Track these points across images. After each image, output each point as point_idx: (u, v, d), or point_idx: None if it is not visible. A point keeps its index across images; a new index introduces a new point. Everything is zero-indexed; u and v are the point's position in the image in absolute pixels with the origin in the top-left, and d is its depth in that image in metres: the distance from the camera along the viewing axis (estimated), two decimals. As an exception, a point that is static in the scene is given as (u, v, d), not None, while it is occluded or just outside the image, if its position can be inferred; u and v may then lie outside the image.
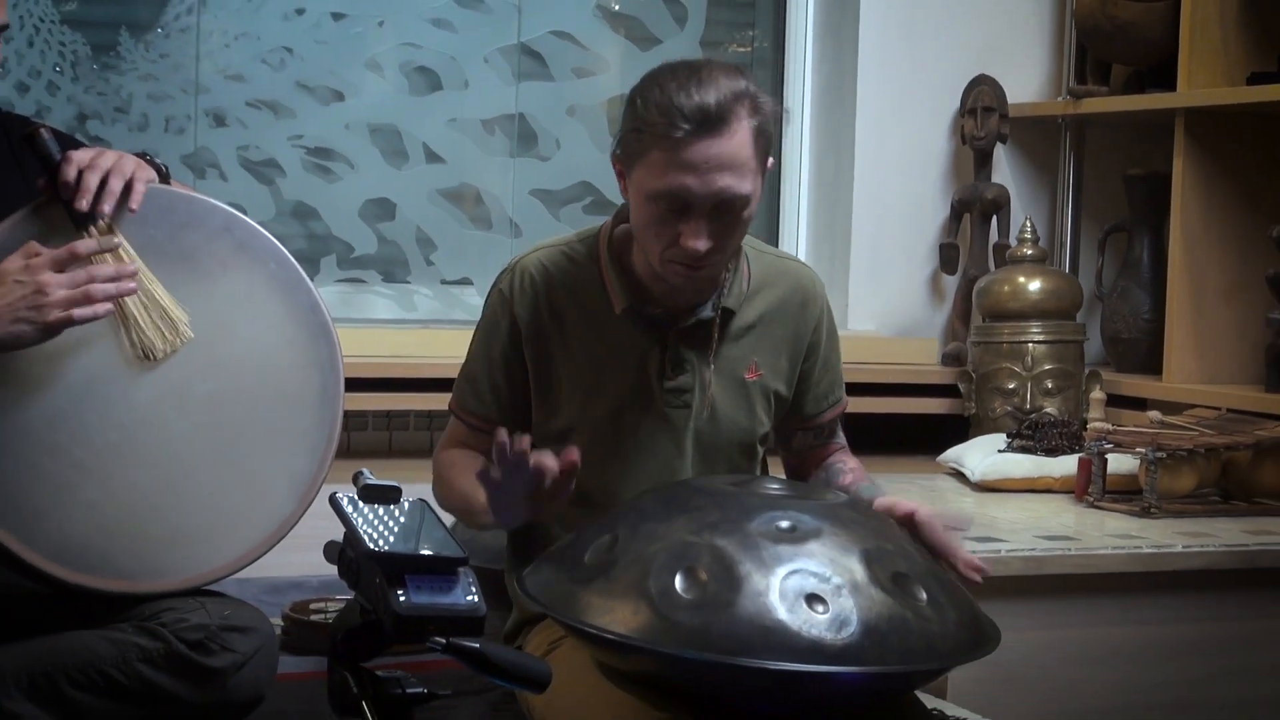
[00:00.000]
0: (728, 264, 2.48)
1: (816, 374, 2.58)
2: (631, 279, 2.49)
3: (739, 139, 2.33)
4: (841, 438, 2.63)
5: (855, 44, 4.14)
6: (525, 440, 2.14)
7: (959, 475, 3.70)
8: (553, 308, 2.49)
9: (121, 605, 2.39)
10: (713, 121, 2.31)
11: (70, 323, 2.30)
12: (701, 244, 2.32)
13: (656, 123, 2.33)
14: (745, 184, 2.34)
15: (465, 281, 4.07)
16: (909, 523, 2.32)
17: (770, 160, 2.42)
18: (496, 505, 2.24)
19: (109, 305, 2.33)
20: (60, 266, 2.30)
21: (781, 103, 3.85)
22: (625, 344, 2.49)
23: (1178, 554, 3.08)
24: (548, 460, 2.15)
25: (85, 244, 2.33)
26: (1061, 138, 4.27)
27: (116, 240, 2.40)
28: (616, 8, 4.14)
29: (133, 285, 2.35)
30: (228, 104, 3.88)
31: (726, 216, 2.35)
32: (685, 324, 2.49)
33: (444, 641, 1.57)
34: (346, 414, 2.57)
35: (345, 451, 2.58)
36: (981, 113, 4.14)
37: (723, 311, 2.50)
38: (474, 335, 2.55)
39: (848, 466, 2.56)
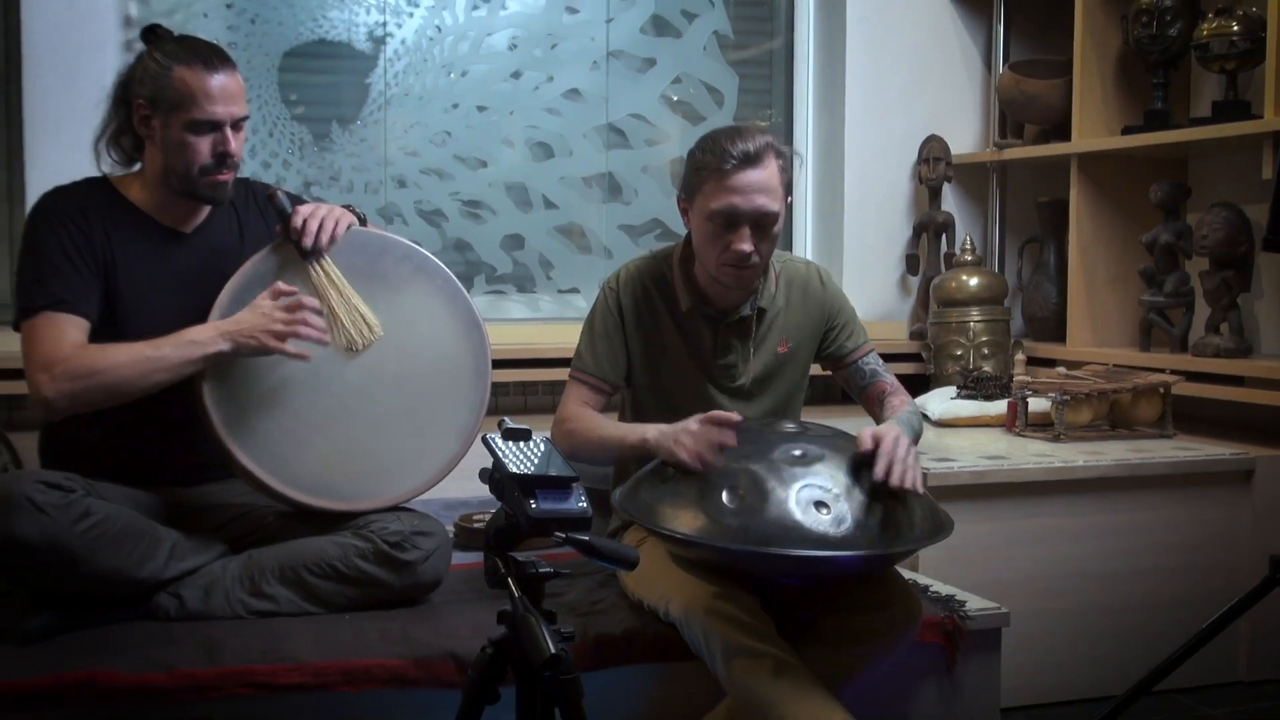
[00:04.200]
0: (761, 275, 2.49)
1: (838, 332, 2.60)
2: (694, 286, 2.51)
3: (770, 171, 2.36)
4: (887, 376, 2.61)
5: (842, 115, 4.12)
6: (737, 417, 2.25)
7: (923, 417, 3.67)
8: (645, 299, 2.53)
9: (342, 519, 2.43)
10: (752, 158, 2.34)
11: (279, 353, 2.33)
12: (747, 246, 2.35)
13: (711, 162, 2.35)
14: (775, 204, 2.37)
15: (574, 290, 4.07)
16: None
17: (790, 197, 2.44)
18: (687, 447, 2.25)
19: (304, 348, 2.35)
20: (290, 310, 2.33)
21: (793, 149, 3.85)
22: (689, 331, 2.51)
23: (1080, 467, 3.06)
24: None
25: (310, 301, 2.36)
26: (990, 177, 4.22)
27: (327, 268, 2.43)
28: (675, 98, 4.12)
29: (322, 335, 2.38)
30: (407, 172, 3.90)
31: (762, 229, 2.37)
32: (731, 319, 2.51)
33: (564, 535, 1.58)
34: (494, 384, 2.60)
35: (493, 410, 2.60)
36: (933, 161, 4.11)
37: (757, 311, 2.51)
38: (587, 322, 2.58)
39: (894, 403, 2.55)
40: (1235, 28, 3.36)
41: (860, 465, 2.25)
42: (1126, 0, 3.72)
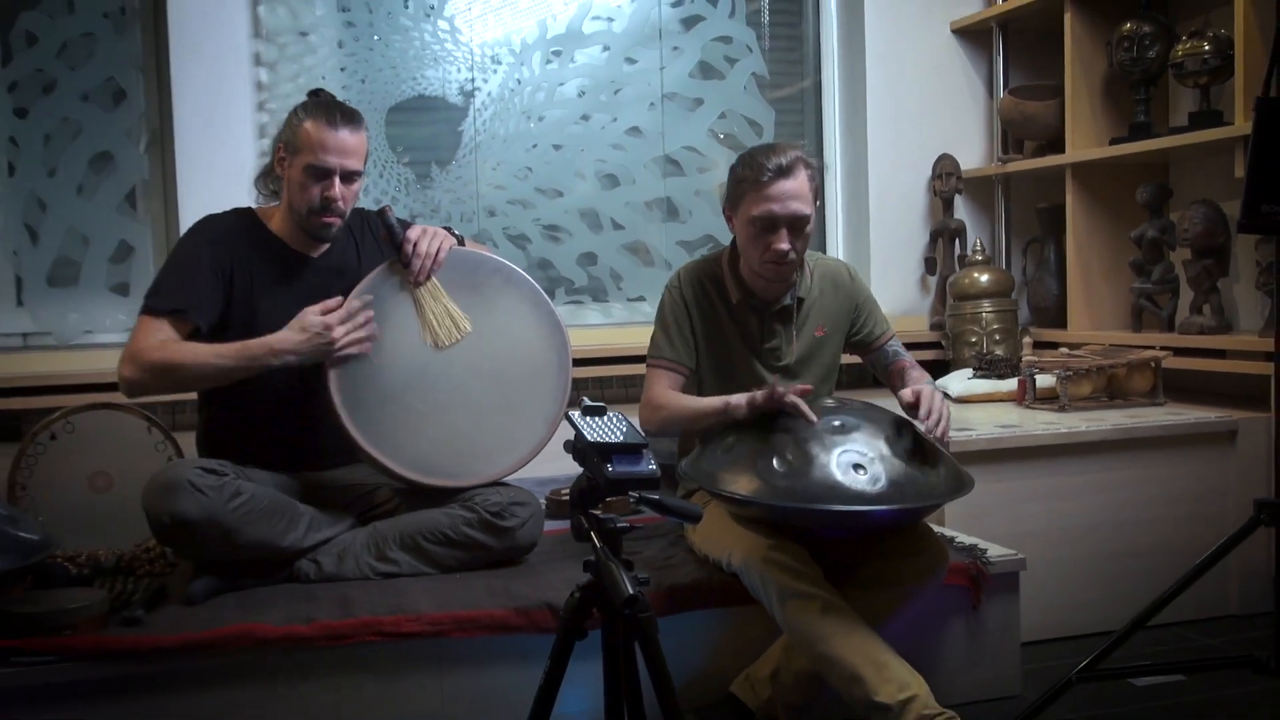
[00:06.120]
0: (798, 269, 2.47)
1: (864, 321, 2.58)
2: (741, 282, 2.50)
3: (801, 180, 2.34)
4: (907, 356, 2.60)
5: (865, 140, 4.08)
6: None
7: (944, 395, 3.61)
8: (703, 293, 2.52)
9: (451, 494, 2.45)
10: (785, 170, 2.32)
11: (342, 359, 2.35)
12: (785, 246, 2.34)
13: (750, 175, 2.34)
14: (807, 208, 2.35)
15: (640, 299, 4.06)
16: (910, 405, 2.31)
17: (819, 201, 2.43)
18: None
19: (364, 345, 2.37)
20: (344, 323, 2.34)
21: (823, 162, 3.86)
22: (740, 320, 2.50)
23: (1082, 432, 3.01)
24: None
25: (354, 307, 2.37)
26: (995, 188, 4.16)
27: (429, 287, 2.45)
28: (722, 136, 4.11)
29: (372, 328, 2.39)
30: (496, 202, 3.92)
31: (796, 230, 2.36)
32: (775, 309, 2.50)
33: (637, 494, 1.57)
34: (574, 379, 2.61)
35: (574, 402, 2.60)
36: (945, 176, 4.07)
37: (797, 301, 2.50)
38: (658, 317, 2.56)
39: (913, 376, 2.54)
40: (1207, 47, 3.30)
41: (891, 434, 2.23)
42: (1110, 28, 3.66)
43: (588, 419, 1.64)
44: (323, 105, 2.41)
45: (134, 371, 2.29)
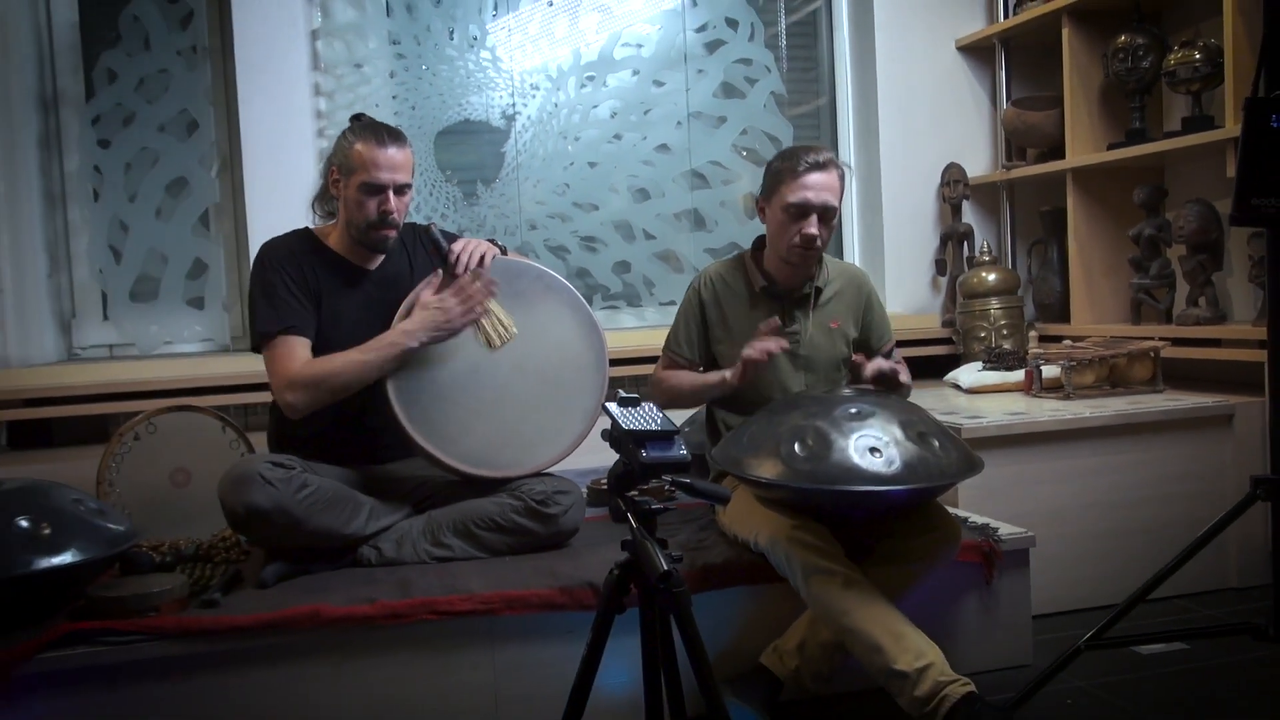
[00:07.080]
0: (819, 261, 2.48)
1: (872, 324, 2.57)
2: (765, 272, 2.50)
3: (833, 176, 2.37)
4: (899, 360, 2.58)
5: (878, 152, 4.06)
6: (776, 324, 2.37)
7: (956, 387, 3.61)
8: (726, 287, 2.53)
9: (499, 484, 2.45)
10: (820, 165, 2.35)
11: (464, 326, 2.36)
12: (814, 230, 2.34)
13: (789, 166, 2.37)
14: (836, 201, 2.37)
15: (671, 303, 4.05)
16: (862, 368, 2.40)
17: (843, 199, 2.45)
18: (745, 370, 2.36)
19: (482, 309, 2.40)
20: (455, 295, 2.37)
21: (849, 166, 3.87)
22: (761, 308, 2.50)
23: (1086, 418, 2.97)
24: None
25: (465, 279, 2.39)
26: (1001, 194, 4.12)
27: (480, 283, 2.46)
28: (744, 151, 4.10)
29: (491, 286, 2.41)
30: (536, 216, 3.93)
31: (825, 219, 2.37)
32: (795, 296, 2.50)
33: (670, 478, 1.57)
34: (610, 378, 2.60)
35: (611, 398, 2.60)
36: (953, 183, 4.04)
37: (816, 290, 2.50)
38: (678, 311, 2.61)
39: (902, 378, 2.51)
40: (1198, 56, 3.25)
41: (905, 419, 2.21)
42: (1105, 41, 3.62)
43: (623, 409, 1.65)
44: (369, 127, 2.43)
45: (296, 395, 2.32)
